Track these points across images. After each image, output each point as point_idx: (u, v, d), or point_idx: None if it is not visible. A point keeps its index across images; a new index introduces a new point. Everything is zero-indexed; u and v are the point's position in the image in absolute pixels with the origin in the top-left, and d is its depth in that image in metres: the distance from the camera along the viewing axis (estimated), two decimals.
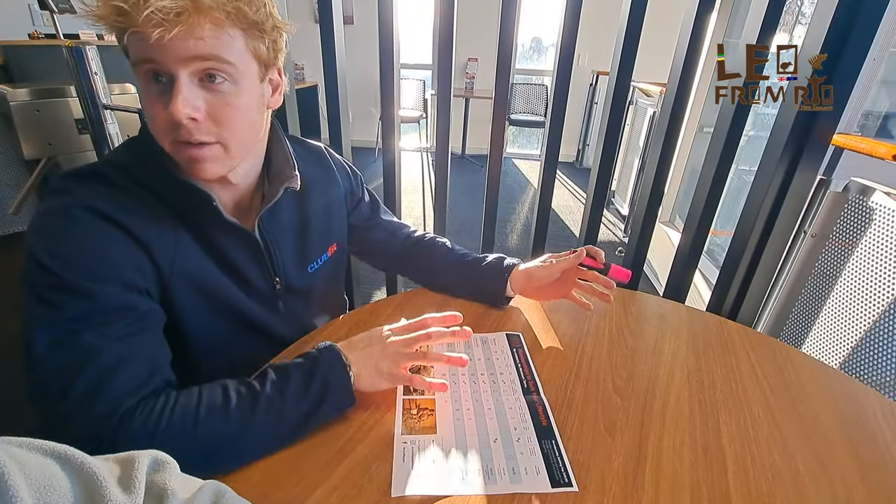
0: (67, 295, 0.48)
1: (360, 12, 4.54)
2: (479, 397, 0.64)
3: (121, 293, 0.51)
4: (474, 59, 4.70)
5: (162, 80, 0.50)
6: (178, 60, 0.48)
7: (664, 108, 1.29)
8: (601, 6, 3.05)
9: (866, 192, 1.09)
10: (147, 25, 0.45)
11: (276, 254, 0.68)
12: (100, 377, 0.48)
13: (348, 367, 0.57)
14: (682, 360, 0.74)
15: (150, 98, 0.51)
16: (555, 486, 0.51)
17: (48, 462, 0.29)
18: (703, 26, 1.18)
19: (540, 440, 0.57)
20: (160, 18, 0.45)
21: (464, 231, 3.06)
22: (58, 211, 0.51)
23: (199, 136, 0.52)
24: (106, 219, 0.51)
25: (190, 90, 0.49)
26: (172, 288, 0.57)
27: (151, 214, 0.55)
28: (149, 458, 0.35)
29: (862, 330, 1.08)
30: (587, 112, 4.73)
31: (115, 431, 0.47)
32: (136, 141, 0.59)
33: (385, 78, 1.29)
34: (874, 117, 1.55)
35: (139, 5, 0.44)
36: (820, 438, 0.60)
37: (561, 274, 0.80)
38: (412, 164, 4.59)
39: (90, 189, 0.53)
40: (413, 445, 0.55)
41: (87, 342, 0.48)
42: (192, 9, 0.46)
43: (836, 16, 0.95)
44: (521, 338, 0.77)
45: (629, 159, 3.29)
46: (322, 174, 0.77)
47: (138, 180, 0.56)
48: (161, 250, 0.55)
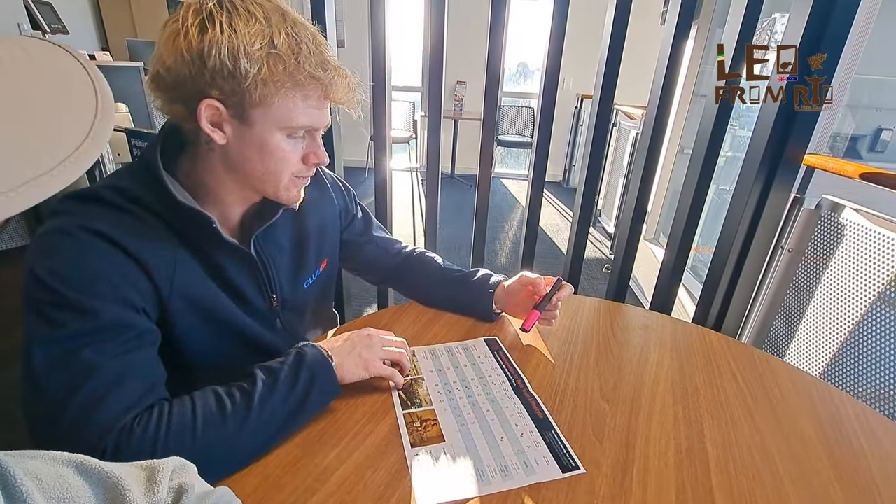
0: (67, 312, 0.49)
1: (352, 36, 4.65)
2: (476, 401, 0.66)
3: (119, 311, 0.52)
4: (463, 82, 4.82)
5: (302, 135, 0.61)
6: (324, 125, 0.62)
7: (645, 129, 1.35)
8: (585, 33, 3.18)
9: (837, 208, 1.15)
10: (324, 103, 0.60)
11: (272, 271, 0.70)
12: (98, 393, 0.48)
13: (330, 357, 0.61)
14: (666, 368, 0.76)
15: (288, 147, 0.60)
16: (565, 472, 0.55)
17: (66, 471, 0.30)
18: (680, 53, 1.25)
19: (541, 432, 0.61)
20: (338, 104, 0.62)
21: (453, 248, 3.08)
22: (59, 231, 0.52)
23: (313, 171, 0.65)
24: (106, 239, 0.53)
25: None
26: (171, 309, 0.59)
27: (151, 236, 0.57)
28: (171, 465, 0.36)
29: (839, 340, 1.13)
30: (573, 134, 4.86)
31: (115, 446, 0.47)
32: (137, 166, 0.61)
33: (377, 100, 1.33)
34: (842, 139, 1.63)
35: (339, 96, 0.61)
36: (797, 440, 0.62)
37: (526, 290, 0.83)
38: (402, 184, 4.64)
39: (91, 210, 0.54)
40: (427, 456, 0.57)
41: (85, 359, 0.49)
42: (345, 103, 0.63)
43: (801, 43, 1.02)
44: (497, 341, 0.80)
45: (614, 179, 3.38)
46: (317, 193, 0.79)
47: (139, 203, 0.57)
48: (160, 271, 0.57)
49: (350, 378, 0.63)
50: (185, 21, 0.52)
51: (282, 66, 0.53)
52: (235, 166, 0.60)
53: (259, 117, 0.56)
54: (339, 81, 0.59)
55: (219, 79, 0.52)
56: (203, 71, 0.52)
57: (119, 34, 4.17)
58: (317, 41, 0.57)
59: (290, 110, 0.56)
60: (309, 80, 0.56)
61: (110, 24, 4.32)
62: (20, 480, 0.26)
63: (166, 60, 0.53)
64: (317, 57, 0.56)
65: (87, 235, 0.52)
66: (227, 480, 0.51)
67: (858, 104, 1.99)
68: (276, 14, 0.54)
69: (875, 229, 1.06)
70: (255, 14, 0.53)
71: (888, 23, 1.58)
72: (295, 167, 0.62)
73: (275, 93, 0.54)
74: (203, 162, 0.61)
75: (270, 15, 0.54)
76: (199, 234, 0.60)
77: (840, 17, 1.01)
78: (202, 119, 0.55)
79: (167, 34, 0.53)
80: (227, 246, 0.62)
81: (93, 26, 4.35)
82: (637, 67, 2.19)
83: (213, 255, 0.62)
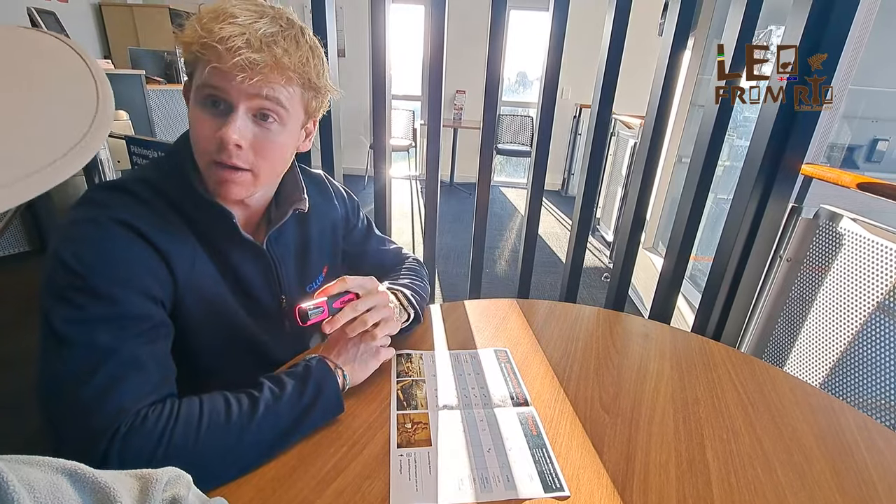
0: (89, 297, 0.50)
1: (352, 46, 4.69)
2: (472, 410, 0.66)
3: (140, 301, 0.53)
4: (462, 91, 4.86)
5: (220, 106, 0.56)
6: (243, 95, 0.55)
7: (643, 139, 1.35)
8: (583, 43, 3.21)
9: (835, 218, 1.15)
10: (233, 68, 0.52)
11: (282, 272, 0.71)
12: (114, 377, 0.49)
13: (339, 369, 0.62)
14: (666, 378, 0.76)
15: (202, 118, 0.56)
16: (547, 492, 0.53)
17: (58, 479, 0.29)
18: (678, 63, 1.26)
19: (531, 449, 0.59)
20: (245, 65, 0.52)
21: (452, 256, 3.08)
22: (87, 220, 0.53)
23: (237, 162, 0.57)
24: (131, 229, 0.54)
25: (244, 121, 0.56)
26: (184, 300, 0.60)
27: (173, 228, 0.59)
28: (166, 476, 0.35)
29: (838, 349, 1.12)
30: (571, 143, 4.88)
31: (128, 430, 0.48)
32: (163, 160, 0.63)
33: (377, 108, 1.34)
34: (839, 149, 1.64)
35: (231, 51, 0.52)
36: (799, 451, 0.62)
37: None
38: (402, 191, 4.64)
39: (118, 201, 0.56)
40: (409, 458, 0.57)
41: (104, 343, 0.49)
42: (273, 65, 0.54)
43: (801, 43, 1.03)
44: (507, 353, 0.79)
45: (612, 188, 3.39)
46: (322, 201, 0.81)
47: (163, 196, 0.59)
48: (179, 262, 0.58)
49: (366, 376, 0.66)
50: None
51: (194, 30, 0.54)
52: None
53: (193, 84, 0.58)
54: (238, 33, 0.52)
55: (185, 53, 0.56)
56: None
57: (121, 43, 4.20)
58: (245, 7, 0.54)
59: (199, 71, 0.56)
60: (201, 33, 0.53)
61: (113, 33, 4.35)
62: (13, 487, 0.26)
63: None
64: (218, 12, 0.54)
65: (114, 225, 0.54)
66: (223, 491, 0.51)
67: (855, 114, 2.02)
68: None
69: (873, 239, 1.06)
70: None
71: (883, 34, 1.61)
72: (210, 145, 0.56)
73: (192, 62, 0.56)
74: None
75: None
76: (218, 230, 0.62)
77: (840, 18, 1.02)
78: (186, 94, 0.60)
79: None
80: (243, 242, 0.64)
81: (95, 34, 4.38)
82: (635, 77, 2.20)
83: (229, 254, 0.64)
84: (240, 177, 0.58)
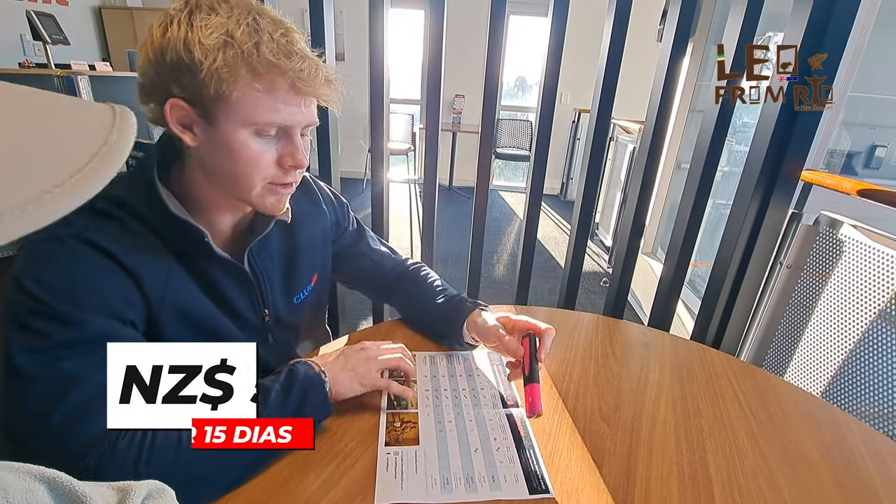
0: (53, 322, 0.48)
1: (351, 50, 4.69)
2: (461, 410, 0.66)
3: (107, 323, 0.51)
4: (461, 95, 4.86)
5: (274, 133, 0.57)
6: (301, 124, 0.58)
7: (642, 144, 1.34)
8: (582, 48, 3.21)
9: (835, 224, 1.14)
10: (303, 99, 0.56)
11: (265, 285, 0.68)
12: (82, 406, 0.47)
13: (323, 374, 0.60)
14: (667, 388, 0.74)
15: (258, 147, 0.56)
16: (532, 493, 0.53)
17: (35, 486, 0.29)
18: (677, 69, 1.26)
19: (519, 450, 0.59)
20: (317, 96, 0.57)
21: (450, 261, 3.07)
22: (50, 238, 0.51)
23: (297, 179, 0.61)
24: (98, 249, 0.52)
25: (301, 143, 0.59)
26: (162, 321, 0.57)
27: (144, 247, 0.56)
28: (146, 489, 0.34)
29: (840, 358, 1.11)
30: (570, 147, 4.89)
31: (97, 461, 0.46)
32: (132, 176, 0.59)
33: (375, 112, 1.33)
34: (838, 155, 1.64)
35: (310, 88, 0.55)
36: (803, 464, 0.60)
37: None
38: (400, 195, 4.64)
39: (84, 219, 0.53)
40: (396, 456, 0.57)
41: (70, 370, 0.47)
42: (320, 96, 0.58)
43: (802, 43, 1.02)
44: (500, 357, 0.79)
45: (612, 193, 3.38)
46: (310, 207, 0.78)
47: (134, 213, 0.56)
48: (152, 282, 0.55)
49: (346, 394, 0.62)
50: (151, 27, 0.54)
51: (234, 52, 0.50)
52: (210, 171, 0.58)
53: (222, 114, 0.53)
54: (310, 71, 0.54)
55: (179, 75, 0.52)
56: (165, 68, 0.52)
57: (120, 45, 4.20)
58: (284, 30, 0.54)
59: (252, 104, 0.53)
60: (268, 68, 0.52)
61: (112, 36, 4.35)
62: None
63: (140, 66, 0.55)
64: (279, 44, 0.53)
65: (79, 245, 0.51)
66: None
67: (853, 121, 2.02)
68: (239, 8, 0.53)
69: (874, 246, 1.05)
70: (216, 9, 0.52)
71: (882, 41, 1.61)
72: (268, 171, 0.57)
73: (232, 84, 0.51)
74: (188, 171, 0.60)
75: (234, 9, 0.53)
76: (191, 247, 0.59)
77: (840, 18, 1.01)
78: (170, 119, 0.54)
79: (141, 43, 0.55)
80: (219, 260, 0.61)
81: (94, 37, 4.38)
82: (634, 83, 2.20)
83: (205, 269, 0.61)
84: (291, 191, 0.62)
